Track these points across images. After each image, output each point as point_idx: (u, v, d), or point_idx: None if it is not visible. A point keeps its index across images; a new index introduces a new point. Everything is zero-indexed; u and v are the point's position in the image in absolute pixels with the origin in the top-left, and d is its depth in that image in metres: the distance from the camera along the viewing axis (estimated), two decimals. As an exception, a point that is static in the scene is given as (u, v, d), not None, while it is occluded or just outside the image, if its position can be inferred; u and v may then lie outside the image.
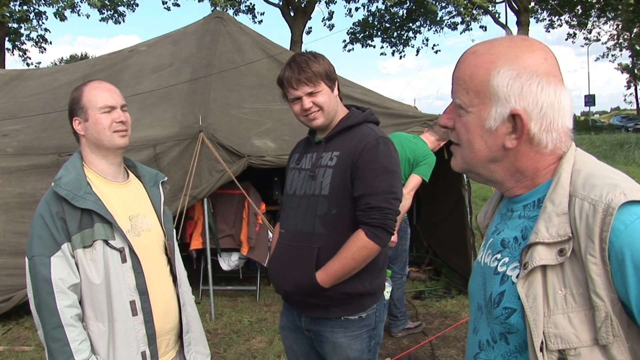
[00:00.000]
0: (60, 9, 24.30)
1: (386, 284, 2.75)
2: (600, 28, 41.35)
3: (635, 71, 57.19)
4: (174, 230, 2.79)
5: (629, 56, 54.88)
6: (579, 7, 36.34)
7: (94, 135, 2.41)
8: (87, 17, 30.74)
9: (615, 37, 48.40)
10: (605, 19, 39.98)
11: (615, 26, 45.69)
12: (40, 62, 31.08)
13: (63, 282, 2.25)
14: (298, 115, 2.66)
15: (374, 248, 2.49)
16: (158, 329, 2.41)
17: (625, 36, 49.53)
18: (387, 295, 2.79)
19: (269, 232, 6.38)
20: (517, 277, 1.30)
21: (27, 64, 29.16)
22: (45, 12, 27.44)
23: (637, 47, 51.40)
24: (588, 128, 39.30)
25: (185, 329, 2.56)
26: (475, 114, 1.32)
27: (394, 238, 5.09)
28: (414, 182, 5.04)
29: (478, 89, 1.31)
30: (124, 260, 2.33)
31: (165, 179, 2.74)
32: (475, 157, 1.36)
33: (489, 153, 1.34)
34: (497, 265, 1.39)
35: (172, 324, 2.52)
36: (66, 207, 2.29)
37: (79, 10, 26.76)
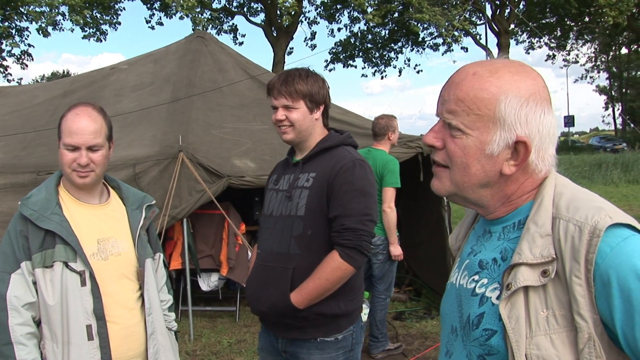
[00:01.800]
0: (42, 26, 24.17)
1: (364, 305, 2.75)
2: (578, 50, 42.15)
3: (613, 93, 58.21)
4: (162, 255, 2.76)
5: (606, 78, 55.94)
6: (558, 29, 36.98)
7: (60, 165, 2.42)
8: (72, 31, 30.45)
9: (593, 59, 49.35)
10: (583, 41, 40.76)
11: (592, 49, 46.63)
12: (22, 79, 30.80)
13: (18, 300, 2.27)
14: (274, 124, 2.70)
15: (348, 269, 2.49)
16: (116, 356, 2.37)
17: (603, 59, 50.52)
18: (364, 317, 2.79)
19: (249, 252, 6.34)
20: (497, 298, 1.29)
21: (8, 80, 28.92)
22: (27, 27, 27.26)
23: (614, 70, 52.41)
24: (567, 148, 39.74)
25: (151, 359, 2.50)
26: (476, 138, 1.30)
27: (398, 251, 5.13)
28: (388, 195, 5.08)
29: (482, 112, 1.29)
30: (83, 283, 2.32)
31: (153, 202, 2.71)
32: (469, 181, 1.34)
33: (484, 178, 1.33)
34: (475, 286, 1.38)
35: (135, 352, 2.46)
36: (30, 226, 2.32)
37: (61, 27, 26.64)
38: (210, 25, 27.87)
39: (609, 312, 1.16)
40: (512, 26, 35.01)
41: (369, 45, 35.03)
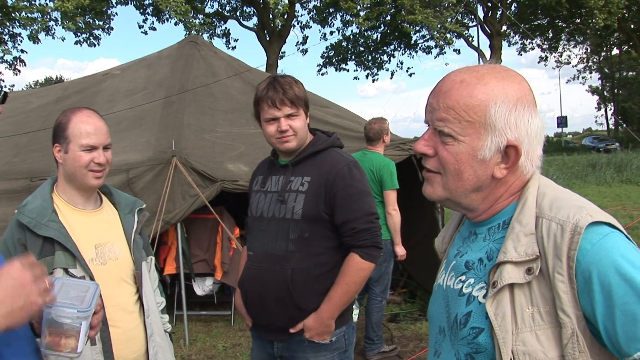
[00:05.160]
0: (34, 32, 24.13)
1: (353, 306, 2.77)
2: (570, 51, 42.35)
3: (605, 93, 58.44)
4: (153, 258, 2.78)
5: (598, 79, 56.15)
6: (549, 31, 37.14)
7: (70, 169, 2.41)
8: (63, 40, 30.37)
9: (585, 60, 49.56)
10: (574, 42, 40.93)
11: (584, 50, 46.82)
12: (14, 85, 30.78)
13: None
14: (270, 137, 2.67)
15: (370, 267, 2.60)
16: (119, 359, 2.38)
17: (594, 59, 50.72)
18: (355, 317, 2.82)
19: (243, 256, 6.34)
20: (484, 297, 1.32)
21: (0, 87, 28.83)
22: (20, 33, 27.22)
23: (606, 70, 52.63)
24: (561, 149, 39.88)
25: None
26: (468, 144, 1.32)
27: (403, 251, 5.15)
28: (391, 197, 5.11)
29: (473, 119, 1.31)
30: None
31: (144, 206, 2.73)
32: (462, 186, 1.37)
33: (476, 183, 1.36)
34: (462, 286, 1.41)
35: (137, 354, 2.49)
36: (28, 234, 2.31)
37: (54, 33, 26.61)
38: (203, 30, 27.88)
39: (590, 307, 1.19)
40: (504, 28, 35.15)
41: (362, 49, 35.13)
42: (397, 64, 43.49)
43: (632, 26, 36.71)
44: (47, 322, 1.55)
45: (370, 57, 35.74)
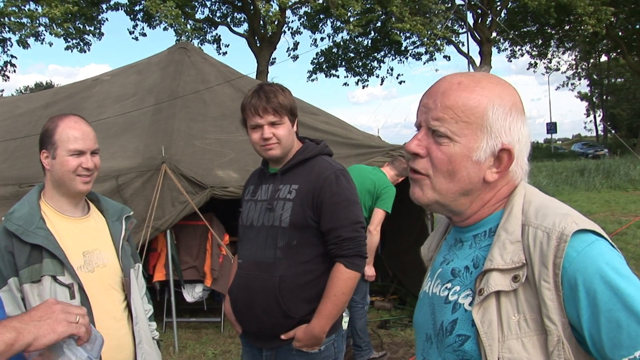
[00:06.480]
0: (23, 37, 24.02)
1: (343, 314, 2.77)
2: (559, 58, 42.63)
3: (594, 100, 58.87)
4: (140, 266, 2.77)
5: (587, 85, 56.56)
6: (539, 37, 37.38)
7: (57, 174, 2.41)
8: (50, 45, 30.12)
9: (574, 66, 49.93)
10: (564, 49, 41.21)
11: (573, 56, 47.15)
12: (3, 90, 30.55)
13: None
14: (255, 144, 2.69)
15: (356, 276, 2.60)
16: None
17: (583, 66, 51.10)
18: (344, 325, 2.82)
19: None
20: (470, 304, 1.33)
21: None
22: (10, 38, 27.07)
23: (595, 77, 53.00)
24: (550, 155, 40.06)
25: None
26: (464, 145, 1.33)
27: (372, 272, 5.15)
28: (378, 216, 5.10)
29: (471, 120, 1.32)
30: (72, 296, 2.31)
31: (131, 213, 2.73)
32: (453, 188, 1.36)
33: (467, 185, 1.36)
34: (448, 294, 1.41)
35: None
36: (15, 241, 2.29)
37: (43, 38, 26.48)
38: (194, 36, 27.86)
39: (576, 314, 1.20)
40: (494, 34, 35.32)
41: (352, 55, 35.22)
42: (387, 70, 43.64)
43: (620, 33, 37.03)
44: (51, 348, 1.55)
45: (360, 64, 35.84)
